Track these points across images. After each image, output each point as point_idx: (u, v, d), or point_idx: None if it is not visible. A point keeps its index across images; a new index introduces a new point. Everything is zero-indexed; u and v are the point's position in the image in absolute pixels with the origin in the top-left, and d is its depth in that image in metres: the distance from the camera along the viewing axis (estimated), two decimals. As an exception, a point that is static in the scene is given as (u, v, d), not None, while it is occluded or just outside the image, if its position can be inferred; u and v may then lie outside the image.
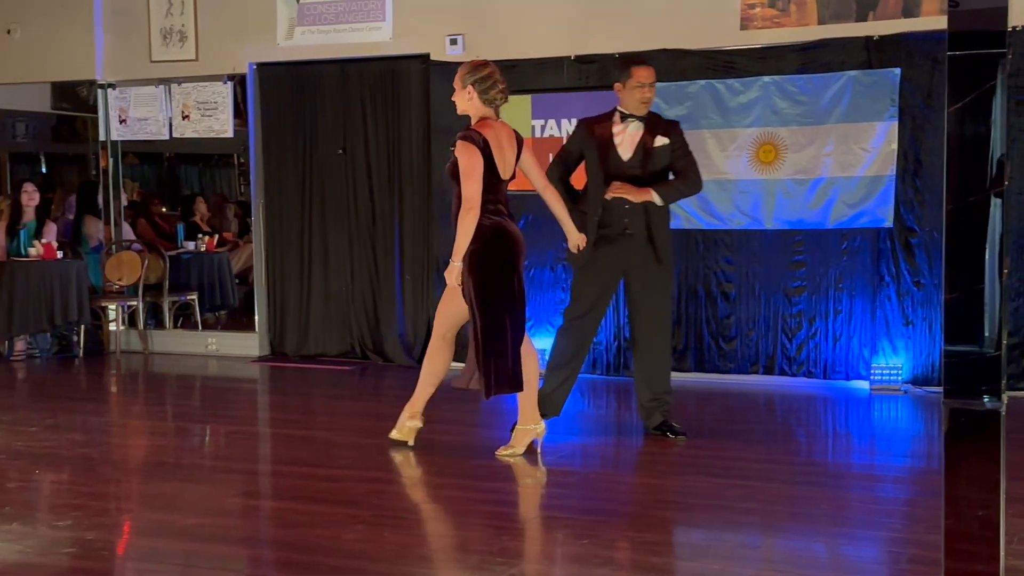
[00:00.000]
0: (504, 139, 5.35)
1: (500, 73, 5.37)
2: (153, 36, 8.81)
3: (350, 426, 6.27)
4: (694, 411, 6.93)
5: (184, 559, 4.13)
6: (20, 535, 4.19)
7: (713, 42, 7.35)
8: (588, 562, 3.91)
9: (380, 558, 3.92)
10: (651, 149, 5.68)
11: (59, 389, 7.82)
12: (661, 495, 4.84)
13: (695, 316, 7.53)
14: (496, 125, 5.36)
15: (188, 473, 5.46)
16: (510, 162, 5.37)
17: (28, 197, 9.08)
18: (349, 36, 8.23)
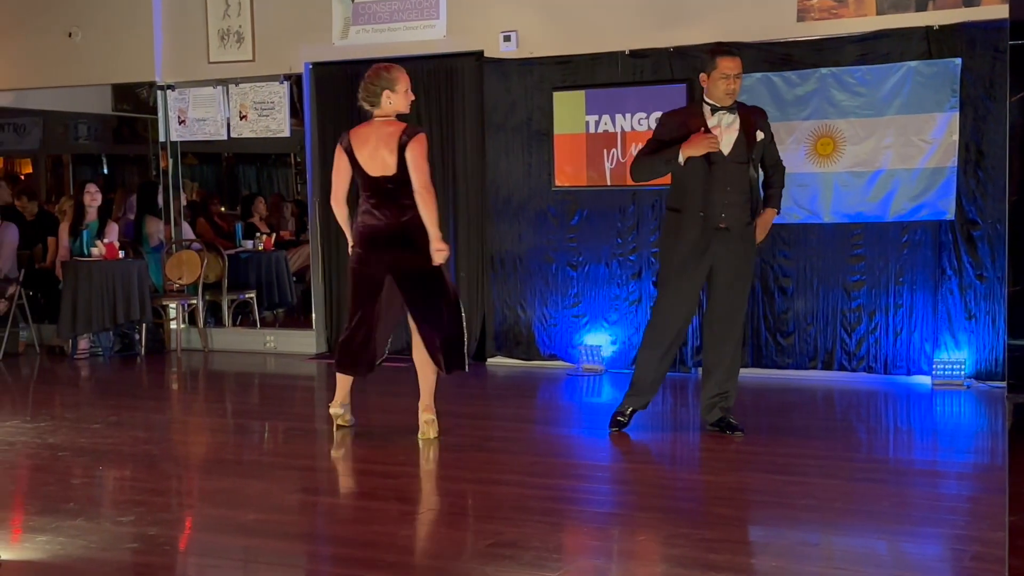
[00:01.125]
0: (377, 139, 5.63)
1: (373, 76, 5.71)
2: (211, 37, 8.92)
3: (406, 423, 6.29)
4: (751, 407, 6.87)
5: (244, 554, 4.18)
6: (84, 530, 4.26)
7: (769, 34, 7.27)
8: (646, 559, 3.90)
9: (437, 554, 3.94)
10: (754, 143, 5.66)
11: (121, 387, 7.94)
12: (719, 491, 4.80)
13: (752, 311, 7.44)
14: (374, 124, 5.70)
15: (247, 469, 5.52)
16: (384, 160, 5.60)
17: (91, 198, 9.23)
18: (403, 34, 8.26)
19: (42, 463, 5.45)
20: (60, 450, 5.69)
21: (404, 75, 5.76)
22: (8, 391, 7.95)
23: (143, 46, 9.14)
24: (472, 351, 8.32)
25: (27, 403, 7.34)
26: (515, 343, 8.16)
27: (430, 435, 5.77)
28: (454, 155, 8.30)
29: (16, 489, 5.07)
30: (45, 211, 10.44)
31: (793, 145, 7.20)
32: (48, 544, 4.09)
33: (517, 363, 8.12)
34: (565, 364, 7.97)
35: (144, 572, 3.92)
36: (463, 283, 8.34)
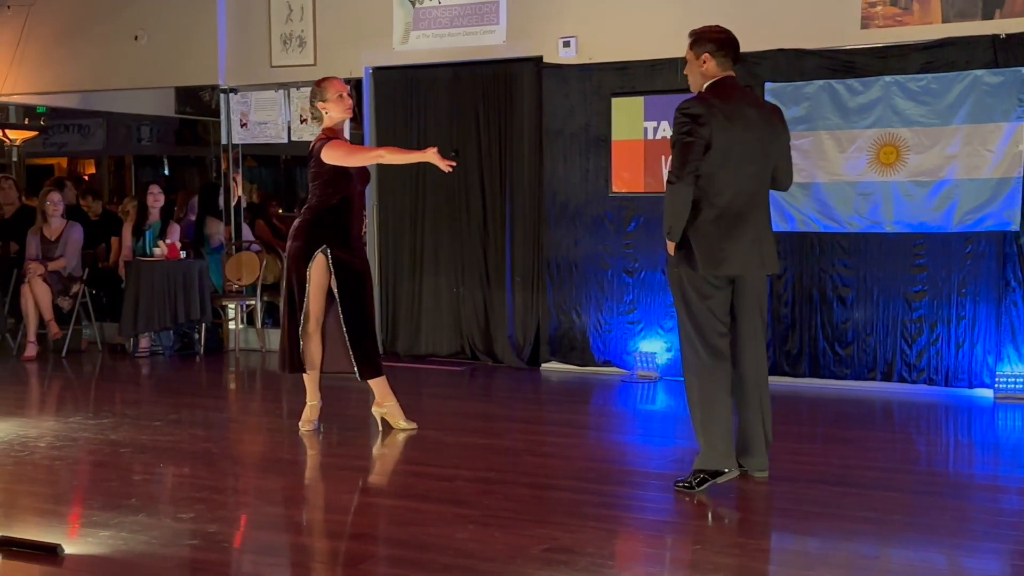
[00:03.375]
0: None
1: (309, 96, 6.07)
2: (274, 42, 9.03)
3: (460, 426, 6.33)
4: (808, 417, 6.81)
5: (300, 553, 4.23)
6: (146, 526, 4.33)
7: (832, 41, 7.21)
8: (700, 568, 3.87)
9: (491, 557, 3.94)
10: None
11: (181, 385, 8.06)
12: (774, 502, 4.76)
13: (810, 320, 7.38)
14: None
15: (303, 469, 5.58)
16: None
17: (154, 199, 9.38)
18: (463, 40, 8.30)
19: (104, 459, 5.54)
20: (122, 446, 5.78)
21: (334, 82, 5.98)
22: (71, 388, 8.10)
23: (207, 50, 9.27)
24: (527, 355, 8.35)
25: (89, 400, 7.47)
26: (569, 348, 8.15)
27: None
28: (511, 160, 8.32)
29: (79, 484, 5.17)
30: (109, 211, 10.63)
31: (855, 153, 7.13)
32: (111, 539, 4.16)
33: (571, 369, 8.12)
34: (619, 370, 7.95)
35: (203, 569, 3.98)
36: (518, 288, 8.35)
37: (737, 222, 4.74)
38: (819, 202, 7.25)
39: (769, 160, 4.85)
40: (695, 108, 4.69)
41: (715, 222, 4.70)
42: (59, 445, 5.81)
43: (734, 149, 4.69)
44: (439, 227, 8.64)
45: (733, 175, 4.71)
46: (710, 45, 4.81)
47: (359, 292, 5.97)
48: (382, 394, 6.09)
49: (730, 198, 4.72)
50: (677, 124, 4.71)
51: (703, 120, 4.64)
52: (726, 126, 4.68)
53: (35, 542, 4.04)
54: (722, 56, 4.80)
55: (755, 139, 4.77)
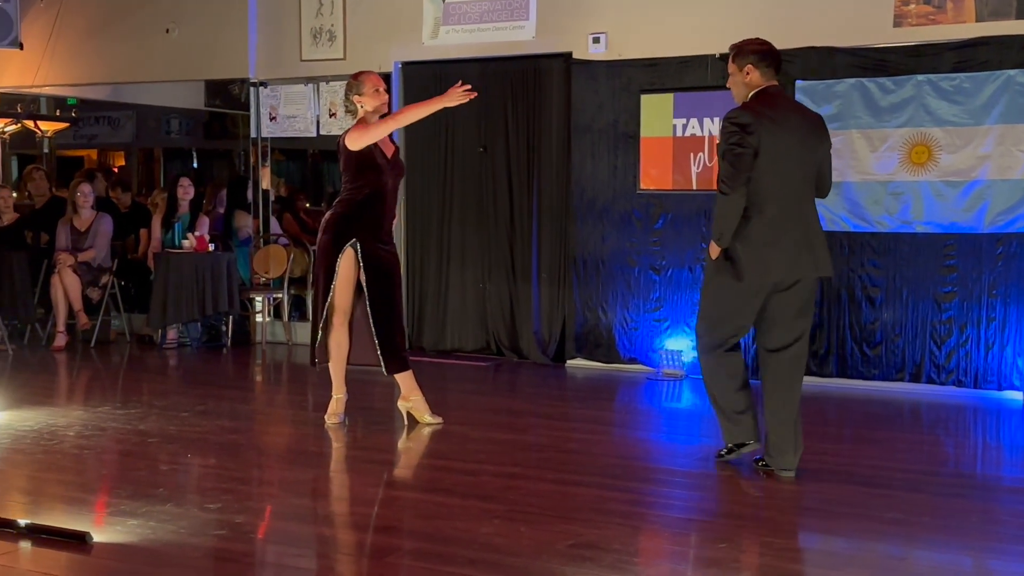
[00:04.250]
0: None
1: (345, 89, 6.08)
2: (304, 36, 9.06)
3: (485, 421, 6.33)
4: (835, 418, 6.78)
5: (326, 545, 4.24)
6: (174, 516, 4.36)
7: (864, 40, 7.17)
8: (726, 566, 3.86)
9: (516, 552, 3.94)
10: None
11: (208, 377, 8.11)
12: (801, 501, 4.74)
13: (838, 320, 7.35)
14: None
15: (329, 461, 5.60)
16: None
17: (183, 191, 9.43)
18: (492, 35, 8.30)
19: (132, 449, 5.58)
20: (149, 436, 5.82)
21: (370, 77, 6.01)
22: (99, 378, 8.17)
23: (238, 43, 9.32)
24: (552, 352, 8.34)
25: (117, 390, 7.53)
26: (595, 345, 8.14)
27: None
28: (539, 156, 8.32)
29: (107, 473, 5.21)
30: (138, 203, 10.69)
31: (887, 152, 7.09)
32: (139, 528, 4.19)
33: (597, 366, 8.11)
34: (645, 368, 7.94)
35: (230, 559, 4.00)
36: (544, 284, 8.35)
37: (786, 227, 4.80)
38: (849, 201, 7.21)
39: (814, 166, 4.93)
40: (743, 117, 4.78)
41: (763, 229, 4.78)
42: (88, 434, 5.86)
43: (781, 156, 4.77)
44: (466, 222, 8.65)
45: (781, 182, 4.79)
46: (752, 57, 4.91)
47: (387, 286, 5.97)
48: (408, 388, 6.10)
49: (778, 204, 4.79)
50: (726, 134, 4.79)
51: (751, 129, 4.74)
52: (774, 133, 4.76)
53: (64, 530, 4.08)
54: (765, 66, 4.91)
55: (801, 146, 4.85)
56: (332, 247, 5.92)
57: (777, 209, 4.79)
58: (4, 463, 5.37)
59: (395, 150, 6.05)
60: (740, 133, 4.74)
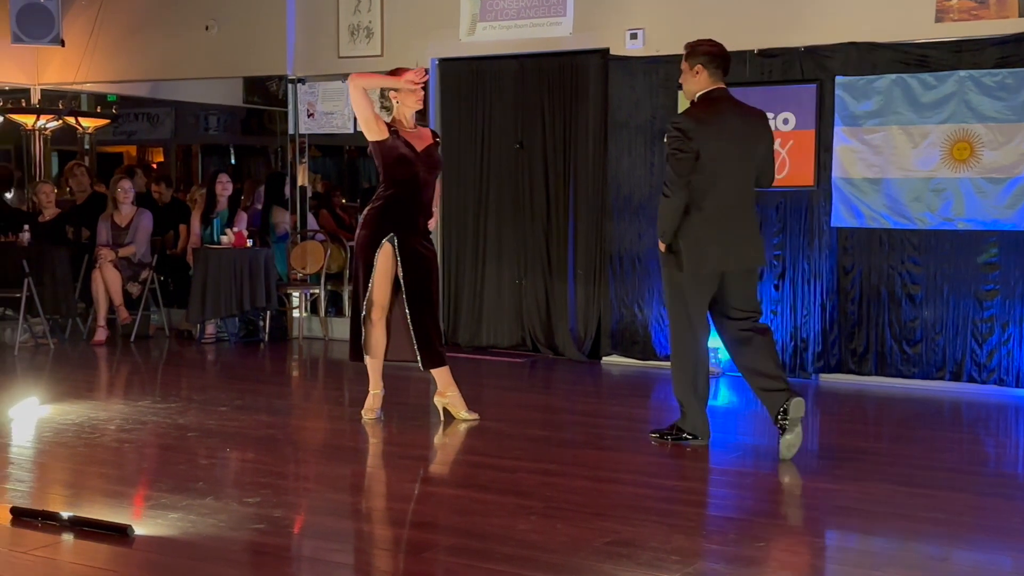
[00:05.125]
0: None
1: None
2: (341, 32, 9.10)
3: (521, 417, 6.33)
4: (874, 416, 6.73)
5: (363, 540, 4.27)
6: (213, 509, 4.39)
7: (905, 35, 7.10)
8: (765, 565, 3.84)
9: (553, 549, 3.94)
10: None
11: (246, 372, 8.17)
12: (840, 501, 4.70)
13: (877, 318, 7.28)
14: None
15: (366, 457, 5.63)
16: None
17: (222, 187, 9.50)
18: (529, 31, 8.29)
19: (172, 443, 5.63)
20: (189, 431, 5.87)
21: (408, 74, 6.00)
22: (139, 372, 8.25)
23: (276, 40, 9.37)
24: (588, 348, 8.34)
25: (156, 384, 7.60)
26: (631, 342, 8.12)
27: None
28: (576, 153, 8.31)
29: (148, 467, 5.26)
30: (177, 199, 10.79)
31: (928, 149, 7.02)
32: (179, 521, 4.23)
33: (632, 363, 8.09)
34: (682, 365, 7.88)
35: (269, 552, 4.03)
36: (580, 280, 8.34)
37: (722, 223, 5.20)
38: (889, 198, 7.15)
39: (753, 164, 5.30)
40: (684, 123, 5.18)
41: (702, 225, 5.18)
42: (128, 428, 5.92)
43: (720, 158, 5.15)
44: (502, 218, 8.65)
45: (719, 181, 5.17)
46: (703, 58, 5.25)
47: (424, 281, 5.98)
48: (444, 384, 6.11)
49: (716, 202, 5.18)
50: (669, 139, 5.18)
51: (691, 134, 5.12)
52: (713, 137, 5.14)
53: (106, 523, 4.12)
54: (714, 68, 5.24)
55: (740, 147, 5.23)
56: (370, 242, 5.94)
57: (715, 206, 5.17)
58: (46, 456, 5.44)
59: (430, 144, 6.02)
60: (682, 138, 5.10)
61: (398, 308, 6.02)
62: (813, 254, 7.41)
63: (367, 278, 5.96)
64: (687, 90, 5.33)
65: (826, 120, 7.31)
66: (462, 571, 3.73)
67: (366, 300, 5.99)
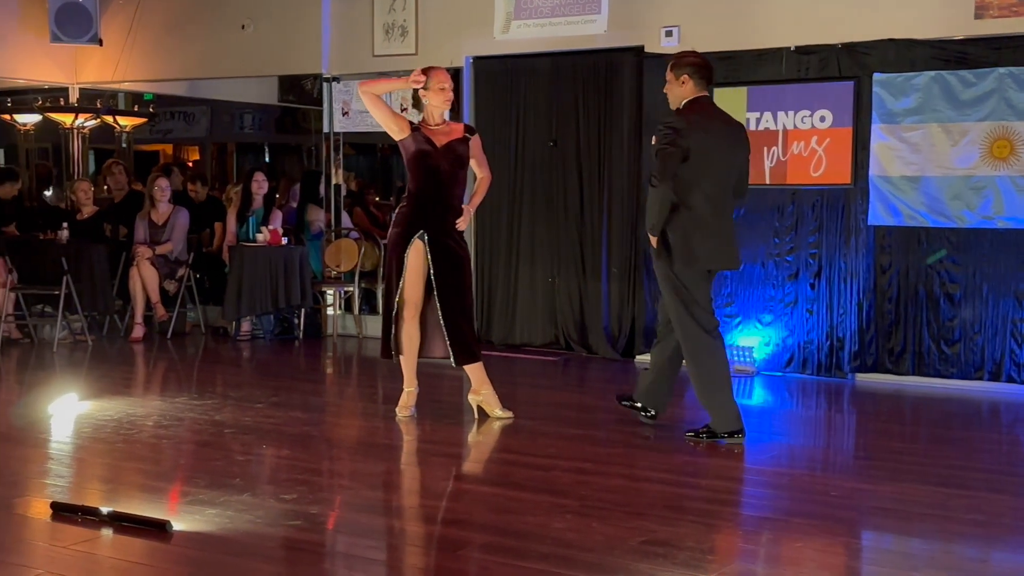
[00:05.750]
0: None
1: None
2: (376, 31, 9.12)
3: (555, 416, 6.32)
4: (911, 417, 6.68)
5: (400, 538, 4.28)
6: (251, 506, 4.42)
7: (944, 32, 7.02)
8: (802, 565, 3.82)
9: (589, 548, 3.94)
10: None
11: (281, 369, 8.21)
12: (878, 501, 4.66)
13: (915, 317, 7.21)
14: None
15: (400, 454, 5.65)
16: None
17: (258, 185, 9.55)
18: (564, 29, 8.27)
19: (209, 439, 5.67)
20: (225, 427, 5.91)
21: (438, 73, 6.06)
22: (175, 369, 8.32)
23: (311, 39, 9.41)
24: (622, 347, 8.31)
25: (192, 381, 7.67)
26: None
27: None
28: (610, 151, 8.29)
29: (185, 463, 5.29)
30: (213, 197, 10.86)
31: (967, 147, 6.94)
32: (217, 517, 4.26)
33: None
34: (716, 364, 7.84)
35: (307, 549, 4.05)
36: (614, 279, 8.32)
37: (708, 223, 5.46)
38: (928, 196, 7.08)
39: (736, 170, 5.60)
40: (677, 123, 5.45)
41: (689, 222, 5.43)
42: (165, 424, 5.97)
43: (708, 158, 5.42)
44: (536, 216, 8.65)
45: (707, 181, 5.43)
46: (689, 68, 5.54)
47: (456, 277, 5.99)
48: (479, 381, 6.12)
49: (704, 199, 5.44)
50: (661, 135, 5.42)
51: (684, 133, 5.39)
52: (703, 139, 5.41)
53: (145, 518, 4.16)
54: (699, 78, 5.54)
55: (726, 150, 5.52)
56: (401, 240, 5.97)
57: (702, 204, 5.43)
58: (85, 452, 5.50)
59: (455, 139, 5.99)
60: (673, 136, 5.37)
61: (431, 305, 6.03)
62: (850, 253, 7.35)
63: (399, 276, 5.98)
64: (673, 98, 5.59)
65: (863, 118, 7.25)
66: (498, 569, 3.74)
67: (398, 298, 6.01)
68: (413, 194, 5.98)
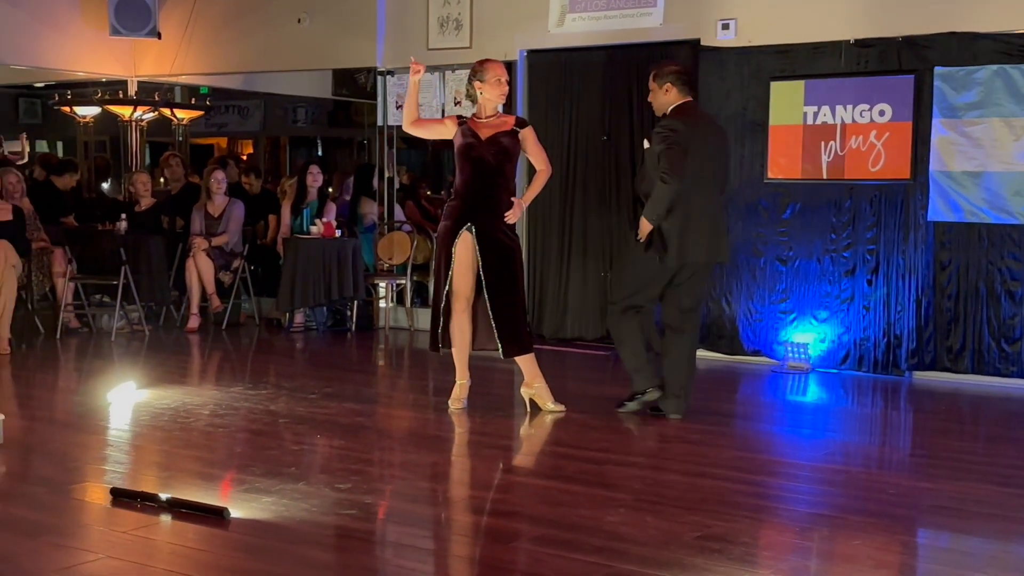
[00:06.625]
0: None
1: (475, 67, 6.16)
2: (431, 24, 9.14)
3: (607, 410, 6.29)
4: (970, 415, 6.58)
5: (456, 530, 4.28)
6: (306, 494, 4.45)
7: (1007, 25, 6.89)
8: (861, 563, 3.78)
9: (643, 542, 3.92)
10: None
11: (334, 360, 8.27)
12: (937, 500, 4.60)
13: (975, 315, 7.09)
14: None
15: (452, 446, 5.66)
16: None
17: (313, 178, 9.62)
18: (619, 22, 8.23)
19: (264, 428, 5.72)
20: (280, 417, 5.96)
21: (495, 66, 6.07)
22: (230, 359, 8.40)
23: (366, 32, 9.45)
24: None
25: (247, 371, 7.74)
26: (718, 336, 8.03)
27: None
28: (664, 144, 8.22)
29: (241, 451, 5.34)
30: (267, 190, 10.96)
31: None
32: (273, 505, 4.30)
33: (719, 357, 8.00)
34: (769, 360, 7.79)
35: (362, 538, 4.08)
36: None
37: (701, 216, 5.79)
38: (990, 192, 6.95)
39: (723, 167, 6.03)
40: (674, 124, 5.79)
41: (685, 216, 5.74)
42: (221, 413, 6.03)
43: (699, 156, 5.77)
44: (588, 211, 8.62)
45: (699, 178, 5.76)
46: (671, 76, 5.90)
47: (505, 268, 5.98)
48: (531, 374, 6.11)
49: (697, 195, 5.76)
50: (663, 136, 5.75)
51: (681, 133, 5.74)
52: (694, 139, 5.77)
53: (203, 505, 4.21)
54: (681, 84, 5.89)
55: (713, 149, 5.91)
56: (449, 232, 5.98)
57: (696, 200, 5.76)
58: (143, 439, 5.57)
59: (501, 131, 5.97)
60: (675, 135, 5.71)
61: (481, 298, 6.03)
62: (908, 249, 7.25)
63: (447, 269, 5.99)
64: (658, 105, 5.92)
65: (924, 112, 7.14)
66: (551, 561, 3.73)
67: (447, 290, 6.02)
68: (461, 187, 6.00)
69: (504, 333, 5.96)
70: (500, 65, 6.07)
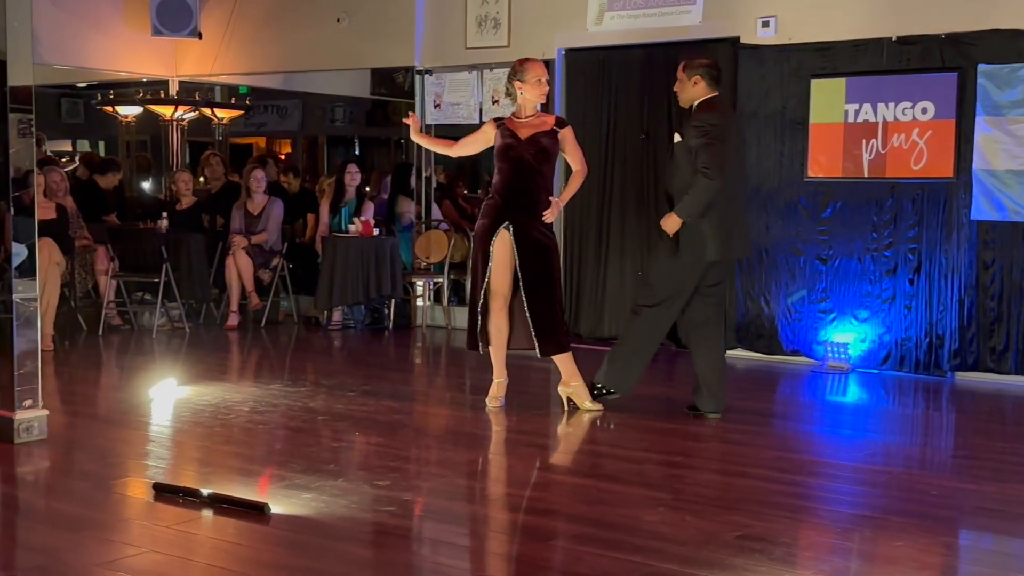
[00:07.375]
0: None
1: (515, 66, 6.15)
2: (469, 23, 9.15)
3: (645, 408, 6.27)
4: (1013, 416, 6.50)
5: (496, 528, 4.29)
6: (345, 491, 4.47)
7: (1053, 21, 6.80)
8: (903, 565, 3.74)
9: (683, 542, 3.90)
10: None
11: (371, 358, 8.30)
12: (981, 501, 4.55)
13: (1019, 315, 7.00)
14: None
15: (490, 444, 5.66)
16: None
17: (351, 177, 9.66)
18: (658, 20, 8.20)
19: (303, 425, 5.76)
20: (319, 414, 6.00)
21: (535, 65, 6.07)
22: (269, 357, 8.46)
23: (405, 32, 9.48)
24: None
25: (286, 368, 7.79)
26: (756, 336, 7.98)
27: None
28: (703, 143, 8.18)
29: (282, 448, 5.38)
30: (305, 188, 11.01)
31: (1073, 140, 6.71)
32: (313, 501, 4.32)
33: (758, 356, 7.96)
34: (808, 360, 7.73)
35: (401, 535, 4.09)
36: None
37: (734, 212, 5.88)
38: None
39: (744, 163, 6.26)
40: (712, 119, 5.75)
41: (721, 213, 5.74)
42: (261, 410, 6.08)
43: (732, 152, 5.81)
44: (626, 210, 8.60)
45: (732, 173, 5.79)
46: (701, 70, 5.86)
47: (541, 267, 5.97)
48: (569, 373, 6.11)
49: (730, 191, 5.79)
50: (703, 131, 5.68)
51: (719, 127, 5.73)
52: (727, 133, 5.77)
53: (244, 500, 4.24)
54: (710, 78, 5.85)
55: (741, 146, 6.12)
56: (487, 231, 5.98)
57: (732, 195, 5.82)
58: (184, 435, 5.62)
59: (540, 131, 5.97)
60: (714, 130, 5.67)
61: (519, 296, 6.03)
62: (951, 248, 7.17)
63: (484, 267, 6.00)
64: (685, 97, 5.90)
65: (967, 110, 7.05)
66: (591, 559, 3.73)
67: (484, 289, 6.02)
68: (499, 186, 6.01)
69: (541, 332, 5.96)
70: (540, 65, 6.07)
